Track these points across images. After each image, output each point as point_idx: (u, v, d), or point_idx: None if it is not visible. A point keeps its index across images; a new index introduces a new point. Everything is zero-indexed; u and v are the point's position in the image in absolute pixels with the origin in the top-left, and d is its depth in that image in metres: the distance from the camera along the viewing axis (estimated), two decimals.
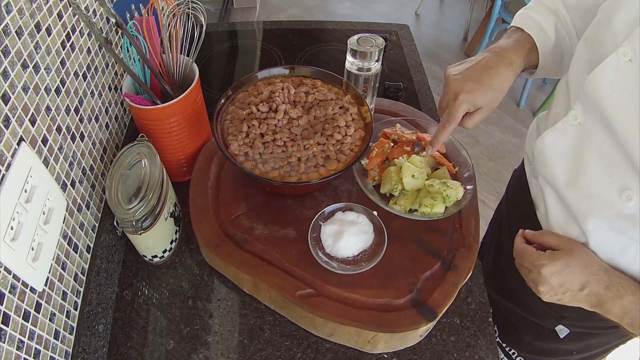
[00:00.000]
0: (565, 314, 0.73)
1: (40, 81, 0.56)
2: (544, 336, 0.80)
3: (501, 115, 2.48)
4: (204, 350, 0.65)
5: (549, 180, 0.65)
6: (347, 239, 0.66)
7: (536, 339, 0.82)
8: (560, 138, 0.61)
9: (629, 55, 0.51)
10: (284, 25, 1.29)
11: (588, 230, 0.59)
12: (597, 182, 0.56)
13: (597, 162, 0.56)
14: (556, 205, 0.64)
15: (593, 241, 0.59)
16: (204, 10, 0.72)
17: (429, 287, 0.64)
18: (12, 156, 0.49)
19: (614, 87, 0.53)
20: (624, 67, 0.51)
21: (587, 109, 0.57)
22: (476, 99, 0.63)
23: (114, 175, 0.65)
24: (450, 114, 0.64)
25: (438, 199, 0.68)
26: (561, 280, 0.57)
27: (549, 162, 0.64)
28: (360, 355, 0.66)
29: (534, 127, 0.77)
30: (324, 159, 0.69)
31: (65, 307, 0.59)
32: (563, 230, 0.63)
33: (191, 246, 0.77)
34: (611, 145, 0.54)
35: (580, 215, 0.59)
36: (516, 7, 2.33)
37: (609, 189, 0.55)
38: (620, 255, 0.57)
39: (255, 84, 0.78)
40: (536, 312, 0.78)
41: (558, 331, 0.77)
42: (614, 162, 0.54)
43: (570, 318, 0.73)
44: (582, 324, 0.74)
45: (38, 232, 0.52)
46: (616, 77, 0.52)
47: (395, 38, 1.25)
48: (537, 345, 0.83)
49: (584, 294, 0.57)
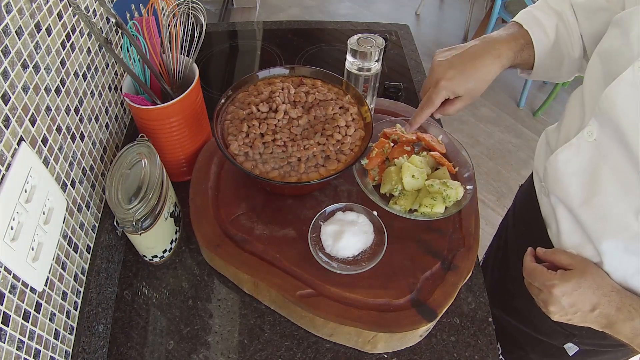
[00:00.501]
0: (575, 332, 0.72)
1: (40, 81, 0.56)
2: (551, 354, 0.79)
3: (501, 115, 2.48)
4: (204, 350, 0.65)
5: (563, 199, 0.63)
6: (347, 239, 0.66)
7: (543, 357, 0.81)
8: (575, 156, 0.59)
9: None
10: (284, 25, 1.29)
11: (603, 251, 0.57)
12: (613, 203, 0.55)
13: (613, 182, 0.55)
14: (570, 225, 0.63)
15: (608, 262, 0.58)
16: (204, 10, 0.72)
17: (429, 287, 0.64)
18: (12, 156, 0.49)
19: (630, 102, 0.51)
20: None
21: (602, 125, 0.55)
22: (456, 87, 0.64)
23: (114, 175, 0.65)
24: (429, 98, 0.66)
25: (438, 199, 0.68)
26: (572, 301, 0.56)
27: (563, 181, 0.62)
28: (360, 355, 0.66)
29: (544, 142, 0.75)
30: (324, 159, 0.69)
31: (65, 307, 0.59)
32: (577, 250, 0.62)
33: (191, 246, 0.77)
34: (627, 164, 0.52)
35: (596, 235, 0.58)
36: (516, 7, 2.33)
37: (625, 210, 0.54)
38: (634, 277, 0.57)
39: (255, 84, 0.78)
40: (544, 331, 0.77)
41: (567, 349, 0.76)
42: (630, 182, 0.52)
43: (580, 336, 0.72)
44: (592, 341, 0.72)
45: (38, 232, 0.52)
46: (633, 92, 0.50)
47: (395, 38, 1.25)
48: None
49: (595, 315, 0.56)
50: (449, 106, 0.67)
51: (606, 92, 0.54)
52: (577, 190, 0.60)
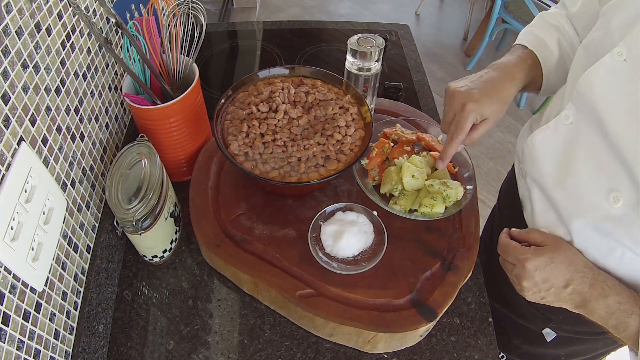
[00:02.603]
0: (552, 316, 0.72)
1: (40, 81, 0.56)
2: (532, 340, 0.80)
3: None
4: (204, 350, 0.65)
5: (537, 179, 0.65)
6: (347, 239, 0.66)
7: (524, 343, 0.82)
8: (551, 137, 0.61)
9: (624, 55, 0.51)
10: (284, 25, 1.29)
11: (574, 231, 0.58)
12: (585, 183, 0.56)
13: (587, 162, 0.56)
14: (543, 205, 0.64)
15: (578, 242, 0.59)
16: (204, 10, 0.73)
17: (429, 287, 0.64)
18: (12, 156, 0.49)
19: (607, 86, 0.53)
20: (618, 66, 0.51)
21: (579, 109, 0.57)
22: (484, 108, 0.62)
23: (114, 175, 0.65)
24: (459, 124, 0.63)
25: (438, 199, 0.68)
26: (545, 276, 0.56)
27: (538, 161, 0.64)
28: (360, 355, 0.66)
29: (527, 127, 0.77)
30: (324, 159, 0.69)
31: (65, 307, 0.59)
32: (550, 229, 0.63)
33: (191, 246, 0.77)
34: (602, 146, 0.54)
35: (567, 215, 0.59)
36: (516, 7, 2.33)
37: (597, 190, 0.55)
38: (606, 258, 0.57)
39: (255, 84, 0.78)
40: (524, 314, 0.78)
41: (545, 334, 0.76)
42: (603, 163, 0.54)
43: (557, 321, 0.73)
44: (569, 327, 0.73)
45: (38, 232, 0.52)
46: (610, 76, 0.52)
47: (395, 38, 1.25)
48: (525, 349, 0.83)
49: (568, 292, 0.56)
50: (473, 132, 0.65)
51: (584, 76, 0.56)
52: (551, 170, 0.61)
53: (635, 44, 0.50)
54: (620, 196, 0.52)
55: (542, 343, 0.78)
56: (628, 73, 0.50)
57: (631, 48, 0.50)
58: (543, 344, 0.78)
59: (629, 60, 0.50)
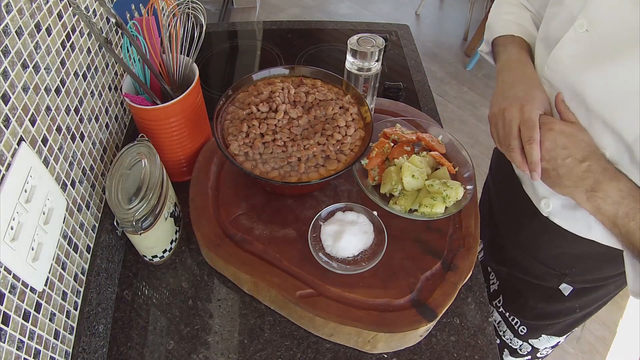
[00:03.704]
0: (566, 271, 0.73)
1: (40, 81, 0.56)
2: (548, 296, 0.80)
3: None
4: (204, 350, 0.65)
5: None
6: (347, 239, 0.66)
7: (540, 301, 0.82)
8: None
9: (585, 26, 0.53)
10: (284, 25, 1.29)
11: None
12: None
13: None
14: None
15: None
16: (204, 10, 0.73)
17: (429, 287, 0.64)
18: (12, 156, 0.49)
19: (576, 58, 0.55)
20: (581, 37, 0.54)
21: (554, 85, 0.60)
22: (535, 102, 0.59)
23: (114, 175, 0.65)
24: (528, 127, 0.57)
25: (438, 199, 0.68)
26: (567, 142, 0.56)
27: None
28: (360, 355, 0.66)
29: None
30: (324, 159, 0.69)
31: (65, 307, 0.59)
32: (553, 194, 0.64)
33: (191, 246, 0.77)
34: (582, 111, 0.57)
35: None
36: None
37: None
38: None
39: (256, 84, 0.78)
40: (538, 274, 0.78)
41: (562, 290, 0.77)
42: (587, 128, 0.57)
43: (571, 274, 0.74)
44: (584, 277, 0.74)
45: (38, 232, 0.52)
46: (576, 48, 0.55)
47: (395, 38, 1.25)
48: (541, 308, 0.83)
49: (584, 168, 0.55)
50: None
51: (552, 54, 0.59)
52: None
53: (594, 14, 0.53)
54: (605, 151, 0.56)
55: (559, 299, 0.78)
56: (591, 43, 0.53)
57: (590, 19, 0.53)
58: (559, 299, 0.78)
59: (590, 30, 0.53)
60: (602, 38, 0.53)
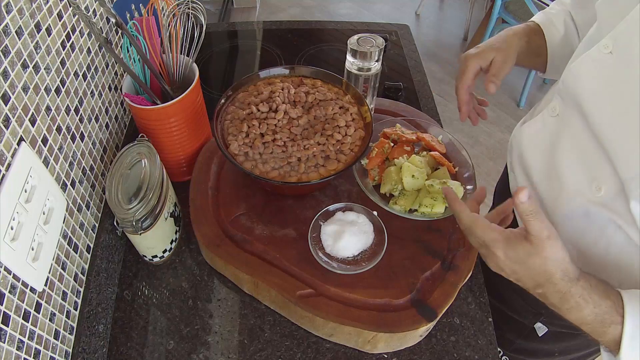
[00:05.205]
0: (542, 310, 0.72)
1: (40, 81, 0.56)
2: (524, 335, 0.79)
3: (501, 115, 2.48)
4: (204, 350, 0.65)
5: (525, 171, 0.66)
6: (347, 239, 0.66)
7: (517, 337, 0.82)
8: (539, 130, 0.63)
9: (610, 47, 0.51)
10: (284, 25, 1.29)
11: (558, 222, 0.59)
12: (568, 172, 0.57)
13: (571, 153, 0.57)
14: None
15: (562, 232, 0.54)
16: (204, 10, 0.73)
17: (429, 287, 0.64)
18: (12, 156, 0.49)
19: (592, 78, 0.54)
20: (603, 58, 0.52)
21: (565, 100, 0.59)
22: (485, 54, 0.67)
23: (114, 175, 0.65)
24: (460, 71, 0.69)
25: (438, 199, 0.68)
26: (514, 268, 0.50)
27: (526, 154, 0.65)
28: (360, 355, 0.66)
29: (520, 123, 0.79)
30: (324, 159, 0.69)
31: (65, 307, 0.59)
32: None
33: (191, 246, 0.77)
34: (585, 136, 0.55)
35: (551, 206, 0.60)
36: (516, 7, 2.33)
37: (579, 179, 0.55)
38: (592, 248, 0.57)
39: (255, 84, 0.78)
40: (515, 308, 0.77)
41: (537, 329, 0.76)
42: (586, 153, 0.55)
43: (547, 315, 0.72)
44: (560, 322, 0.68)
45: (38, 232, 0.52)
46: (595, 68, 0.53)
47: (395, 38, 1.25)
48: (519, 344, 0.82)
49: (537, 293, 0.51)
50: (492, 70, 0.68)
51: (570, 67, 0.57)
52: (537, 162, 0.63)
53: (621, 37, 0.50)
54: (602, 185, 0.53)
55: (535, 338, 0.77)
56: (613, 66, 0.51)
57: (617, 40, 0.51)
58: (536, 338, 0.77)
59: (615, 52, 0.51)
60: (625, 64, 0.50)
